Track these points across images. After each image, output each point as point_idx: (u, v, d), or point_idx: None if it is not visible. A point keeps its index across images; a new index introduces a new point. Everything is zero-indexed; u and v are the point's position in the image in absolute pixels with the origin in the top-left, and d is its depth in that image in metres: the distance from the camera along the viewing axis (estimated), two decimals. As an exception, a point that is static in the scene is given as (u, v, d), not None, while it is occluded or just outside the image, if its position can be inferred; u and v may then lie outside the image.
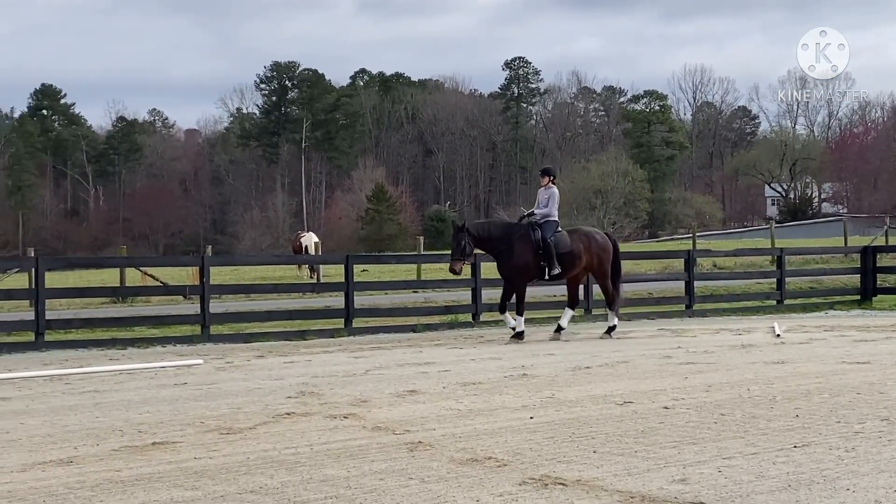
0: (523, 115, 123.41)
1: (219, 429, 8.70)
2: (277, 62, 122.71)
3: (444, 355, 14.71)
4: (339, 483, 6.64)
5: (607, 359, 13.67)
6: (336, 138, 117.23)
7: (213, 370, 13.32)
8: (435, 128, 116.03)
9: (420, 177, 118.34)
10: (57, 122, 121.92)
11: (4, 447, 8.04)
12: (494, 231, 17.51)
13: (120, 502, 6.24)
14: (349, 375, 12.41)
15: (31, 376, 12.82)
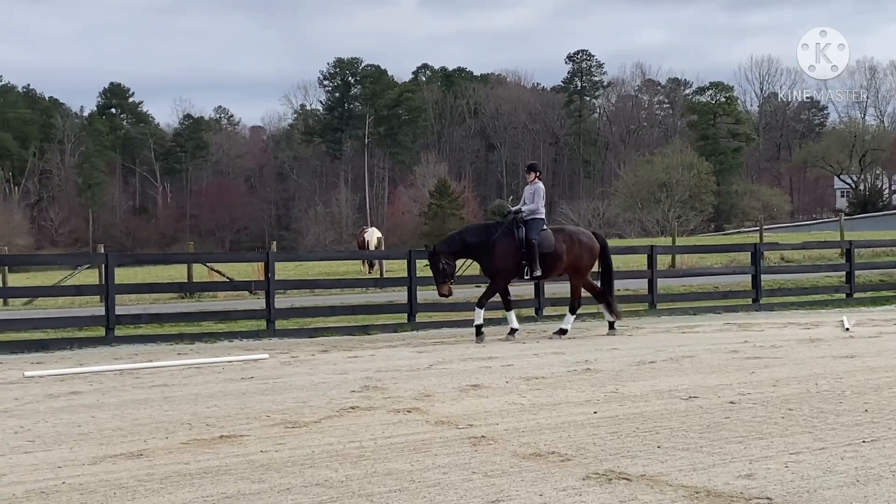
0: (586, 109, 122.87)
1: (284, 422, 8.79)
2: (340, 58, 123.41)
3: (506, 350, 14.71)
4: (402, 476, 6.68)
5: (672, 353, 13.58)
6: (399, 134, 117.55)
7: (279, 364, 13.43)
8: (497, 122, 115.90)
9: (482, 171, 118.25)
10: (125, 120, 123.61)
11: (76, 440, 8.18)
12: (469, 238, 16.91)
13: (188, 494, 6.32)
14: (412, 370, 12.46)
15: (102, 371, 13.00)
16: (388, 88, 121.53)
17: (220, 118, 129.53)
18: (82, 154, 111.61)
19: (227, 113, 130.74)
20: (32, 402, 10.37)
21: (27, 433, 8.53)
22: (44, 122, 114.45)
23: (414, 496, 6.17)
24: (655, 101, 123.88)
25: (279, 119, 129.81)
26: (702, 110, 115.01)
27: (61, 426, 8.85)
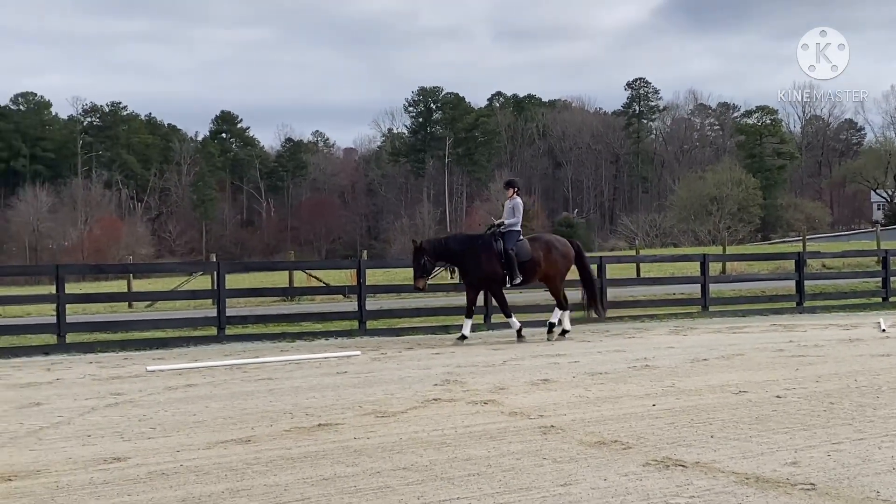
0: (644, 131, 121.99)
1: (375, 412, 8.82)
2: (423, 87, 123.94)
3: (573, 348, 14.61)
4: (480, 462, 6.67)
5: (723, 352, 13.38)
6: (475, 154, 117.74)
7: (370, 360, 13.49)
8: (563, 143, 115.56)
9: (550, 187, 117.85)
10: (234, 143, 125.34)
11: (192, 427, 8.29)
12: (454, 245, 16.43)
13: (290, 476, 6.37)
14: (488, 366, 12.44)
15: (214, 366, 13.18)
16: (466, 114, 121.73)
17: (318, 141, 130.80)
18: (197, 174, 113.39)
19: (323, 136, 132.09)
20: (154, 393, 10.53)
21: (149, 421, 8.67)
22: (163, 146, 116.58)
23: (490, 479, 6.15)
24: (707, 123, 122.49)
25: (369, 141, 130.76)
26: (749, 131, 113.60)
27: (179, 415, 8.98)
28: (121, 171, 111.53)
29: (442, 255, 16.39)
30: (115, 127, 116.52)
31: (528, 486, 5.97)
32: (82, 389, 10.96)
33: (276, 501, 5.73)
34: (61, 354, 15.29)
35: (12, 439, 7.87)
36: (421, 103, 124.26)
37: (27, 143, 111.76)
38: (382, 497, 5.77)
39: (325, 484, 6.13)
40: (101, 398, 10.17)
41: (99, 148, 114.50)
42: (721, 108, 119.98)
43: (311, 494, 5.86)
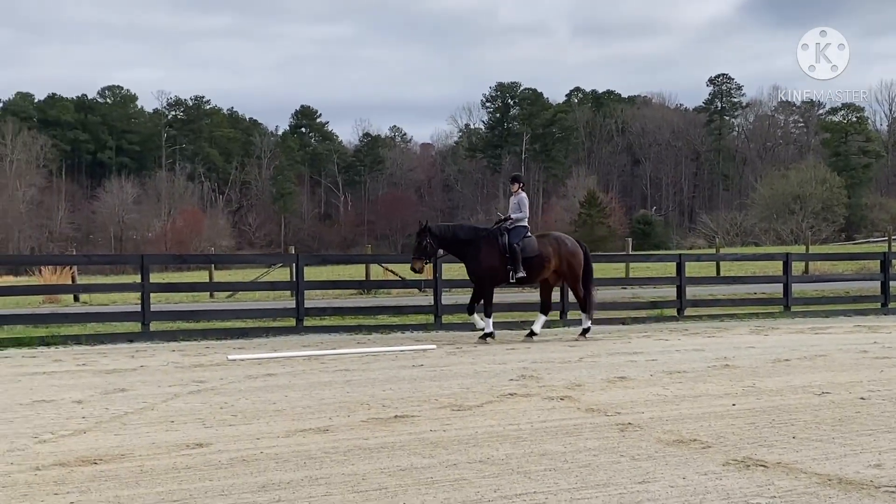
0: (726, 127, 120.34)
1: (451, 406, 8.84)
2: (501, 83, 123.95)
3: (650, 346, 14.48)
4: (556, 457, 6.65)
5: (806, 352, 13.15)
6: (552, 150, 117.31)
7: (445, 354, 13.53)
8: (643, 139, 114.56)
9: (628, 184, 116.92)
10: (313, 138, 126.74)
11: (272, 416, 8.40)
12: (459, 233, 16.01)
13: (367, 466, 6.42)
14: (564, 362, 12.39)
15: (293, 356, 13.33)
16: (544, 109, 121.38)
17: (395, 136, 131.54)
18: (276, 168, 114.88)
19: (400, 131, 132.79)
20: (235, 381, 10.69)
21: (230, 408, 8.81)
22: (245, 140, 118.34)
23: (567, 475, 6.13)
24: (791, 120, 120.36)
25: (446, 137, 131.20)
26: (834, 129, 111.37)
27: (259, 403, 9.10)
28: (203, 164, 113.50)
29: (446, 242, 15.94)
30: (198, 121, 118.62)
31: (605, 482, 5.94)
32: (165, 377, 11.18)
33: (353, 490, 5.78)
34: (145, 342, 15.61)
35: (98, 424, 8.06)
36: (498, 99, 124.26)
37: (114, 135, 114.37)
38: (459, 489, 5.79)
39: (402, 474, 6.17)
40: (184, 385, 10.36)
41: (182, 141, 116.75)
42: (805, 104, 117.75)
43: (389, 484, 5.91)
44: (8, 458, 6.72)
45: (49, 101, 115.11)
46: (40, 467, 6.44)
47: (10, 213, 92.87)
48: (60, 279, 27.56)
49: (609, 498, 5.56)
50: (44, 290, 24.42)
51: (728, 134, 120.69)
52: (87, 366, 12.33)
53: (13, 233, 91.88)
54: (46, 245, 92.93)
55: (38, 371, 11.78)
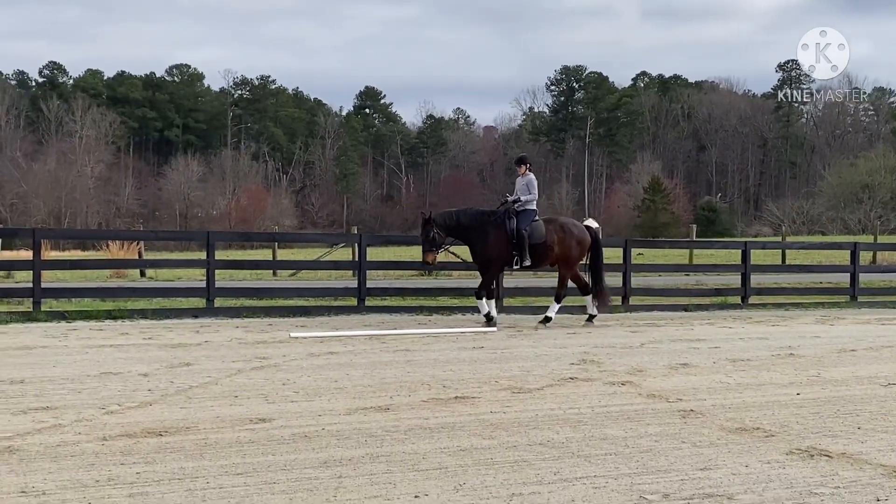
0: (794, 114, 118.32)
1: (511, 388, 8.85)
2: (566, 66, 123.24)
3: (714, 333, 14.34)
4: (617, 442, 6.63)
5: (872, 343, 12.94)
6: (617, 135, 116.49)
7: (506, 337, 13.52)
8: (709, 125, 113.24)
9: (693, 170, 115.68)
10: (377, 119, 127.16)
11: (333, 393, 8.48)
12: (464, 220, 15.31)
13: (428, 445, 6.46)
14: (625, 347, 12.32)
15: (355, 335, 13.43)
16: (609, 93, 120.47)
17: (458, 118, 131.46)
18: (340, 148, 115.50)
19: (464, 114, 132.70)
20: (297, 359, 10.80)
21: (293, 385, 8.90)
22: (309, 120, 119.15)
23: (628, 460, 6.11)
24: (861, 108, 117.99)
25: (510, 120, 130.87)
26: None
27: (320, 381, 9.19)
28: (268, 143, 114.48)
29: (452, 230, 15.35)
30: (264, 100, 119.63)
31: (666, 468, 5.91)
32: (229, 352, 11.33)
33: (414, 469, 5.82)
34: (209, 318, 15.81)
35: (163, 397, 8.20)
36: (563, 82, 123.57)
37: (181, 113, 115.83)
38: (519, 471, 5.80)
39: (462, 455, 6.19)
40: (247, 361, 10.49)
41: (248, 120, 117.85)
42: (876, 92, 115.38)
43: (449, 464, 5.94)
44: (76, 428, 6.87)
45: (118, 79, 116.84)
46: (107, 437, 6.57)
47: (79, 188, 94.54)
48: (128, 254, 28.01)
49: (670, 484, 5.53)
50: (114, 265, 24.83)
51: (796, 121, 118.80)
52: (153, 340, 12.54)
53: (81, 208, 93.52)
54: (113, 221, 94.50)
55: (105, 344, 12.01)
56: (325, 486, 5.42)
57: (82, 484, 5.40)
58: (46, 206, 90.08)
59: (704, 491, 5.40)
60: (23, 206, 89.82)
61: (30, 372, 9.47)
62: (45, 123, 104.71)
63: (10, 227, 54.28)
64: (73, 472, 5.64)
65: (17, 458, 5.95)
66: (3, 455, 6.03)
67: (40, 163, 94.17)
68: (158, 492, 5.26)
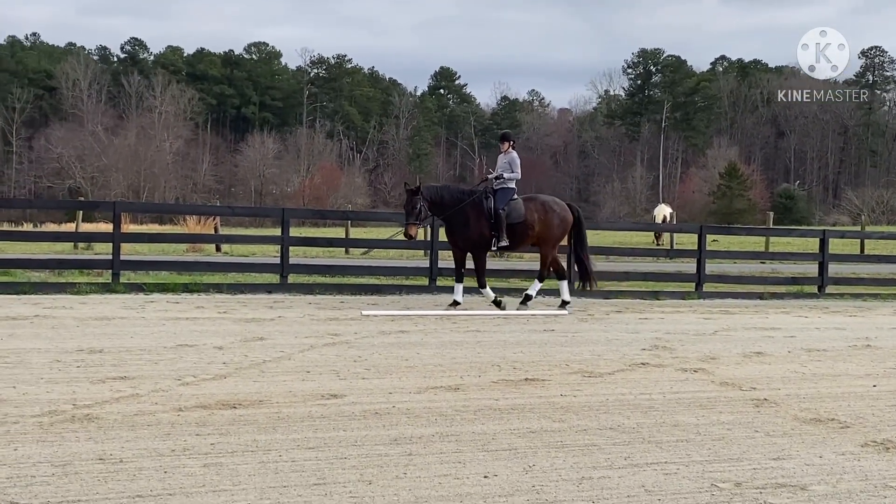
0: (877, 102, 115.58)
1: (581, 371, 8.81)
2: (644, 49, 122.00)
3: (789, 322, 14.11)
4: (689, 429, 6.57)
5: (953, 337, 12.63)
6: (694, 119, 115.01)
7: (577, 321, 13.46)
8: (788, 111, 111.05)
9: (771, 156, 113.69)
10: (451, 100, 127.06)
11: (404, 371, 8.53)
12: (447, 196, 14.58)
13: (497, 426, 6.46)
14: (698, 334, 12.19)
15: (425, 314, 13.48)
16: (687, 77, 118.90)
17: (533, 100, 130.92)
18: (413, 128, 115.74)
19: (539, 95, 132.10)
20: (368, 336, 10.88)
21: (364, 362, 8.97)
22: (384, 100, 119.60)
23: (699, 447, 6.06)
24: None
25: (585, 102, 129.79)
26: None
27: (391, 359, 9.25)
28: (342, 122, 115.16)
29: (436, 206, 14.58)
30: (340, 79, 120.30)
31: (738, 456, 5.84)
32: (302, 328, 11.45)
33: (483, 449, 5.83)
34: (283, 293, 15.99)
35: (237, 370, 8.32)
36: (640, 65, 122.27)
37: (258, 91, 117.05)
38: (589, 454, 5.78)
39: (532, 437, 6.19)
40: (319, 337, 10.59)
41: (323, 99, 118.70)
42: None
43: (519, 445, 5.94)
44: (153, 398, 7.01)
45: (197, 56, 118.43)
46: (183, 408, 6.69)
47: (158, 163, 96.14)
48: (204, 229, 28.44)
49: (742, 472, 5.47)
50: (191, 240, 25.25)
51: (879, 108, 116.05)
52: (228, 314, 12.72)
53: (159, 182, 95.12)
54: (190, 195, 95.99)
55: (181, 316, 12.22)
56: (396, 462, 5.46)
57: (158, 453, 5.51)
58: (126, 180, 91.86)
59: (777, 481, 5.34)
60: (103, 179, 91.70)
61: (108, 342, 9.68)
62: (125, 99, 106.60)
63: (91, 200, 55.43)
64: (150, 441, 5.75)
65: (95, 426, 6.09)
66: (83, 423, 6.18)
67: (120, 137, 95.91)
68: (232, 463, 5.35)
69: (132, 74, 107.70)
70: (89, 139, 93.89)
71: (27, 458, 5.29)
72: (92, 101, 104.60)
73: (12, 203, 64.00)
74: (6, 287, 14.89)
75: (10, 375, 7.69)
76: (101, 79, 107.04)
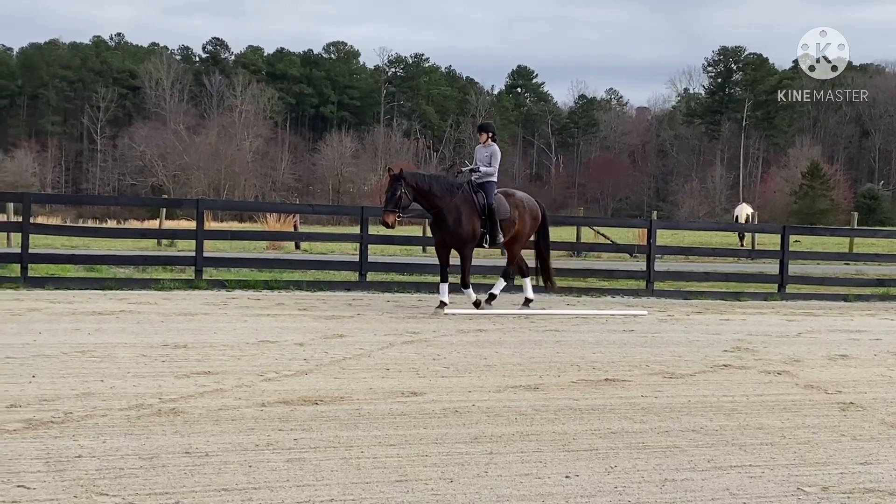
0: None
1: (662, 373, 8.73)
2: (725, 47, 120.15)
3: (875, 325, 13.81)
4: (773, 432, 6.47)
5: None
6: (775, 118, 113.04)
7: (656, 321, 13.34)
8: (873, 110, 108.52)
9: (855, 156, 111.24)
10: (528, 98, 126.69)
11: (483, 370, 8.54)
12: (436, 187, 13.55)
13: (578, 426, 6.44)
14: (782, 336, 11.99)
15: (504, 314, 13.46)
16: (768, 76, 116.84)
17: (611, 99, 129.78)
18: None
19: (616, 94, 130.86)
20: (447, 335, 10.91)
21: (443, 360, 9.00)
22: (461, 99, 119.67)
23: (784, 450, 5.96)
24: None
25: (663, 101, 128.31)
26: None
27: (470, 357, 9.26)
28: (419, 121, 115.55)
29: (422, 194, 13.52)
30: (417, 78, 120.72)
31: (824, 460, 5.74)
32: (381, 325, 11.53)
33: (564, 449, 5.81)
34: (361, 291, 16.11)
35: (318, 366, 8.41)
36: (721, 63, 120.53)
37: (336, 90, 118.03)
38: (671, 456, 5.72)
39: (613, 437, 6.15)
40: (398, 335, 10.66)
41: (400, 98, 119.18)
42: None
43: (599, 446, 5.91)
44: (237, 393, 7.12)
45: (277, 55, 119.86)
46: (266, 404, 6.78)
47: (238, 161, 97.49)
48: (284, 227, 28.77)
49: (829, 477, 5.38)
50: (272, 237, 25.55)
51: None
52: (308, 311, 12.86)
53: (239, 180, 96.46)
54: (269, 194, 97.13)
55: (262, 313, 12.38)
56: (477, 461, 5.47)
57: (243, 447, 5.59)
58: (207, 178, 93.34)
59: (865, 486, 5.23)
60: (184, 177, 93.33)
61: (192, 337, 9.85)
62: (206, 98, 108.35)
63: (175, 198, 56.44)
64: (234, 436, 5.84)
65: (181, 420, 6.21)
66: (169, 416, 6.30)
67: (202, 136, 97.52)
68: (315, 458, 5.40)
69: (213, 74, 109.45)
70: (171, 138, 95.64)
71: (115, 451, 5.41)
72: (174, 100, 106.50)
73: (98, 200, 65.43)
74: (93, 283, 15.25)
75: (98, 370, 7.87)
76: (183, 78, 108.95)
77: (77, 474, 4.95)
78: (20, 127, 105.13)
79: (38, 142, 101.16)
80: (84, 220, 61.57)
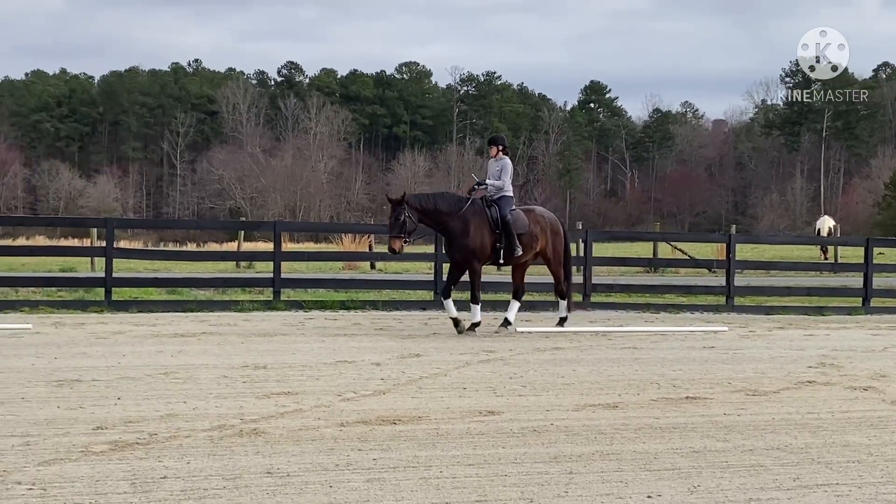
0: None
1: (744, 390, 8.60)
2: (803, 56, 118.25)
3: (965, 339, 13.44)
4: (860, 449, 6.34)
5: None
6: (856, 128, 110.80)
7: (737, 337, 13.15)
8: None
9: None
10: (601, 113, 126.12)
11: (560, 389, 8.50)
12: (442, 204, 13.27)
13: (659, 445, 6.37)
14: (867, 351, 11.74)
15: (580, 331, 13.40)
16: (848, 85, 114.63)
17: (686, 112, 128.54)
18: (563, 143, 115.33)
19: (692, 107, 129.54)
20: (523, 353, 10.89)
21: (520, 379, 8.98)
22: (533, 115, 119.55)
23: (872, 468, 5.83)
24: None
25: (741, 113, 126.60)
26: None
27: (547, 375, 9.23)
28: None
29: (428, 214, 13.22)
30: (489, 96, 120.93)
31: (915, 480, 5.60)
32: (457, 344, 11.55)
33: (645, 468, 5.75)
34: (436, 310, 16.12)
35: (395, 386, 8.45)
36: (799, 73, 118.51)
37: (409, 110, 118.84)
38: (755, 475, 5.63)
39: (695, 456, 6.07)
40: (475, 354, 10.67)
41: (473, 116, 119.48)
42: None
43: (682, 465, 5.84)
44: (316, 413, 7.18)
45: (350, 77, 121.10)
46: (345, 424, 6.83)
47: (313, 183, 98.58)
48: (359, 247, 28.99)
49: (921, 497, 5.24)
50: (347, 258, 25.74)
51: None
52: (384, 330, 12.94)
53: (315, 202, 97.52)
54: (344, 214, 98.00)
55: (339, 333, 12.49)
56: (556, 481, 5.44)
57: (323, 467, 5.64)
58: (283, 200, 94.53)
59: (959, 507, 5.09)
60: (261, 199, 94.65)
61: (271, 358, 9.97)
62: (282, 121, 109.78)
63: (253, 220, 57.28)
64: (315, 456, 5.90)
65: (262, 440, 6.28)
66: (250, 437, 6.38)
67: (278, 158, 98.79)
68: (394, 478, 5.43)
69: (289, 97, 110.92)
70: (248, 161, 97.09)
71: (199, 472, 5.50)
72: (251, 123, 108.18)
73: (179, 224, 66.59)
74: (175, 305, 15.53)
75: (181, 391, 8.01)
76: (259, 102, 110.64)
77: (162, 495, 5.04)
78: (102, 153, 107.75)
79: (120, 167, 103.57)
80: (165, 244, 62.72)
